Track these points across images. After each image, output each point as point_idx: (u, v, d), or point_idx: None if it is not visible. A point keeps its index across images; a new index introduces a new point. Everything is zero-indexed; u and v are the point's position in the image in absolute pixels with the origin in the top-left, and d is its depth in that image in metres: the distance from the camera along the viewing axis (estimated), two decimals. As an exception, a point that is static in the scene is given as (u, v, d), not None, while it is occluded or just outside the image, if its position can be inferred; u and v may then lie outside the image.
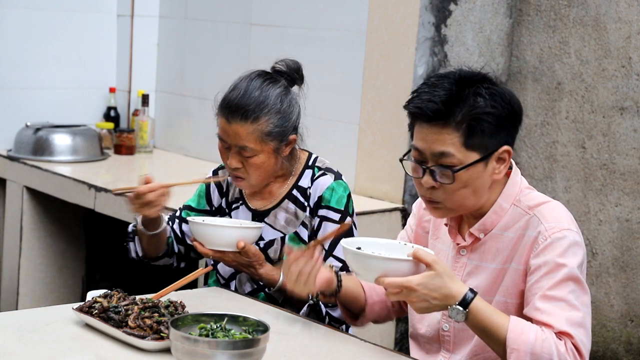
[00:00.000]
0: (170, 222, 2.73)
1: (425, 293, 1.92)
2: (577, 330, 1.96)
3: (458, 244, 2.16)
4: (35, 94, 4.56)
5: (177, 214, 2.76)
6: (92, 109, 4.74)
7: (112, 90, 4.74)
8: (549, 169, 3.78)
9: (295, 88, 2.62)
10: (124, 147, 4.55)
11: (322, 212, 2.57)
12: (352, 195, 2.63)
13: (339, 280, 2.28)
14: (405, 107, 2.07)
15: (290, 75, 2.60)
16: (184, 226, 2.73)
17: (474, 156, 2.02)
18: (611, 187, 3.58)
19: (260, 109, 2.50)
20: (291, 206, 2.61)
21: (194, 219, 2.54)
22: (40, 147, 4.32)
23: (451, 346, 2.18)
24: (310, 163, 2.65)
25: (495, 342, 1.97)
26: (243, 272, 2.61)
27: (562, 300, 1.97)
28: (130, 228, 2.71)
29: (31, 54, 4.52)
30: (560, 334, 1.95)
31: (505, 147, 2.05)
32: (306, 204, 2.60)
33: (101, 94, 4.76)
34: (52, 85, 4.61)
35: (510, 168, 2.15)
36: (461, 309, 1.93)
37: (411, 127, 2.09)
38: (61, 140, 4.34)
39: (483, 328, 1.96)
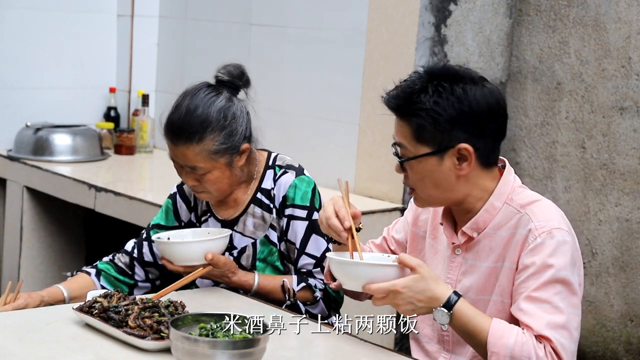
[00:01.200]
0: (134, 249, 2.67)
1: (411, 295, 1.96)
2: (558, 333, 1.96)
3: (453, 243, 2.17)
4: (35, 94, 4.56)
5: (144, 235, 2.69)
6: (92, 109, 4.74)
7: (112, 90, 4.74)
8: (549, 169, 3.78)
9: (242, 94, 2.57)
10: (124, 147, 4.55)
11: (288, 211, 2.56)
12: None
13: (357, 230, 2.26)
14: (382, 100, 2.13)
15: (233, 83, 2.55)
16: (154, 246, 2.67)
17: (424, 149, 2.06)
18: (611, 187, 3.58)
19: (203, 129, 2.45)
20: (257, 210, 2.59)
21: (160, 238, 2.50)
22: (40, 147, 4.32)
23: (450, 346, 2.19)
24: (270, 163, 2.62)
25: (478, 345, 2.00)
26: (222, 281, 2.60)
27: (546, 302, 1.98)
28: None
29: (31, 54, 4.52)
30: (539, 337, 1.96)
31: (463, 145, 2.05)
32: (271, 205, 2.58)
33: (101, 94, 4.76)
34: (52, 85, 4.61)
35: (503, 167, 2.16)
36: (445, 311, 1.97)
37: None
38: (61, 140, 4.34)
39: (466, 330, 1.99)
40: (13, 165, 4.30)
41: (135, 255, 2.67)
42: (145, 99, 4.64)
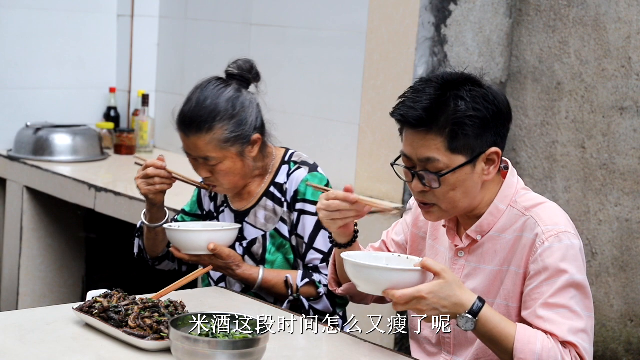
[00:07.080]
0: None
1: (436, 302, 1.92)
2: (580, 338, 1.97)
3: (456, 246, 2.16)
4: (35, 94, 4.57)
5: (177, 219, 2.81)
6: (92, 109, 4.74)
7: (112, 90, 4.74)
8: (549, 169, 3.78)
9: (252, 87, 2.63)
10: (124, 147, 4.55)
11: (299, 205, 2.59)
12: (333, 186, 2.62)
13: (356, 232, 2.25)
14: (391, 114, 2.07)
15: (242, 76, 2.61)
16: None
17: (460, 159, 2.02)
18: (611, 187, 3.58)
19: (212, 118, 2.52)
20: (269, 203, 2.63)
21: (170, 226, 2.58)
22: (41, 147, 4.32)
23: (452, 349, 2.18)
24: (286, 159, 2.67)
25: (502, 351, 1.97)
26: None
27: (564, 307, 1.97)
28: (138, 224, 2.74)
29: (31, 54, 4.52)
30: (564, 343, 1.96)
31: (494, 149, 2.04)
32: (283, 199, 2.62)
33: (101, 94, 4.76)
34: (52, 85, 4.61)
35: (507, 169, 2.14)
36: (470, 317, 1.93)
37: (401, 132, 2.10)
38: (61, 140, 4.34)
39: (491, 337, 1.97)
40: (13, 165, 4.30)
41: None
42: (145, 99, 4.64)
